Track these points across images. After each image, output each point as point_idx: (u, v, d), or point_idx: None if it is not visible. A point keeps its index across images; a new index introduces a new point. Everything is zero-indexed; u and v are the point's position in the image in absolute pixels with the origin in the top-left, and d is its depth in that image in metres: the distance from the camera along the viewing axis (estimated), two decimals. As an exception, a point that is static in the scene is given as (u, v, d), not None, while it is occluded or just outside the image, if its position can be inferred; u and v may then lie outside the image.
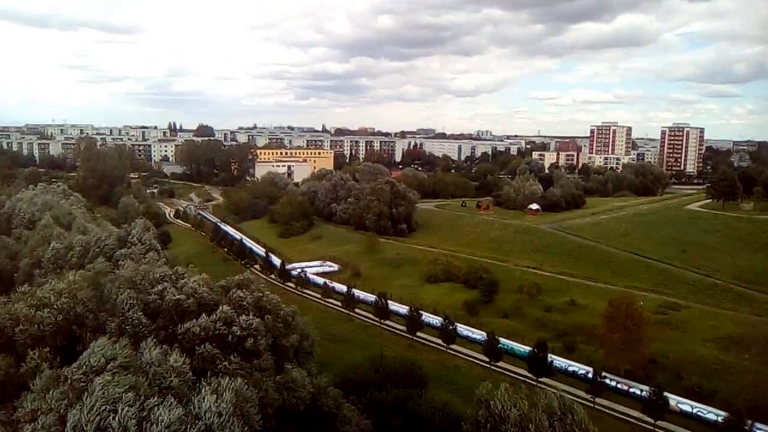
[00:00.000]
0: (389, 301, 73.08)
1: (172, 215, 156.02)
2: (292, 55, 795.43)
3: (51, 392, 23.84)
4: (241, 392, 26.65)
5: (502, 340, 62.28)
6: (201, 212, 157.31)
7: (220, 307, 32.37)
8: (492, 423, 29.56)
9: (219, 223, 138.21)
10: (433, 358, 62.49)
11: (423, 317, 66.02)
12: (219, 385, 26.30)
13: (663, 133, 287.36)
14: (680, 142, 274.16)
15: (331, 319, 75.67)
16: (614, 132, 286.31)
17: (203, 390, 25.91)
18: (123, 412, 22.40)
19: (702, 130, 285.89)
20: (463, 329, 64.74)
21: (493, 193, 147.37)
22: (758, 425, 45.02)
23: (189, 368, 28.79)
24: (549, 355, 56.28)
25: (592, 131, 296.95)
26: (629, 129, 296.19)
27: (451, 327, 61.78)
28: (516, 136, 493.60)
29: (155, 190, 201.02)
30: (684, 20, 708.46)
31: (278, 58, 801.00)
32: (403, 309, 69.86)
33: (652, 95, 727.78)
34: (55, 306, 31.09)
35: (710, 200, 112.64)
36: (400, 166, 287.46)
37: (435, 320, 66.50)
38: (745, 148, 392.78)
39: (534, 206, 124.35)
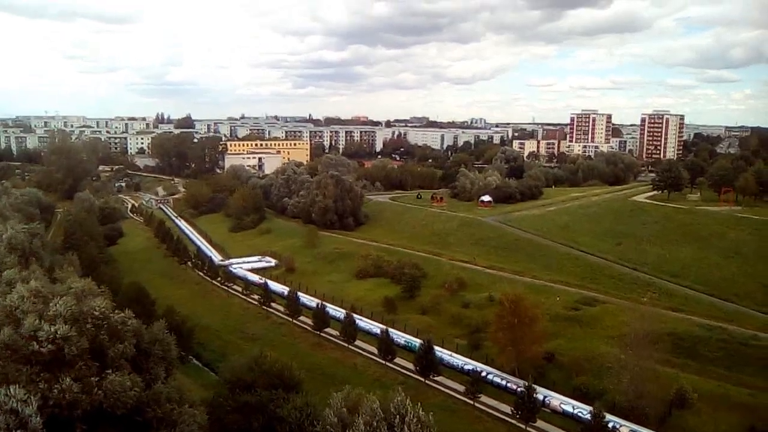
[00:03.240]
0: (306, 296, 72.88)
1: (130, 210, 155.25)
2: (289, 44, 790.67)
3: None
4: (12, 398, 26.60)
5: (407, 336, 62.13)
6: (161, 206, 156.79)
7: (28, 320, 31.97)
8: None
9: (174, 218, 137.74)
10: (335, 356, 62.09)
11: (330, 313, 65.72)
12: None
13: (643, 120, 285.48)
14: (660, 130, 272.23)
15: (250, 316, 75.28)
16: (594, 120, 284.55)
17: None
18: None
19: (682, 117, 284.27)
20: (366, 325, 64.36)
21: (451, 184, 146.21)
22: (623, 423, 44.74)
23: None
24: (443, 352, 56.29)
25: (572, 119, 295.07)
26: (609, 116, 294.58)
27: (352, 324, 61.39)
28: (509, 123, 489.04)
29: (123, 184, 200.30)
30: (680, 5, 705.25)
31: (275, 47, 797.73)
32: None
33: (650, 81, 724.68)
34: None
35: (657, 192, 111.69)
36: (379, 156, 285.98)
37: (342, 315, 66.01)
38: (738, 134, 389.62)
39: (486, 198, 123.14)
